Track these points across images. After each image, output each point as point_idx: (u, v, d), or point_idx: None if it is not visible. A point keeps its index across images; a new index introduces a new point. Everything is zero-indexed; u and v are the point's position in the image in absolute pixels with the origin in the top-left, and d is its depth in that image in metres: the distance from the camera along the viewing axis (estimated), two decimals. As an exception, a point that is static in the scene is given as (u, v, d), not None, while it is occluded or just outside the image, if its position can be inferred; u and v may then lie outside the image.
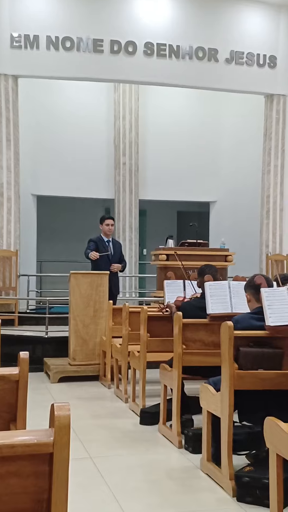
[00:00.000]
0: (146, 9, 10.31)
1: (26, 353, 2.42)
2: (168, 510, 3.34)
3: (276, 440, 2.99)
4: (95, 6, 10.11)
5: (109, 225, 7.97)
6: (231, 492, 3.48)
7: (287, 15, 10.86)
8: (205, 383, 3.98)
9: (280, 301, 3.78)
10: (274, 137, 10.96)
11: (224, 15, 10.58)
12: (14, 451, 1.36)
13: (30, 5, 9.97)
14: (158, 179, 12.00)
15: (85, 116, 11.67)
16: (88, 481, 3.75)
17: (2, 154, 10.00)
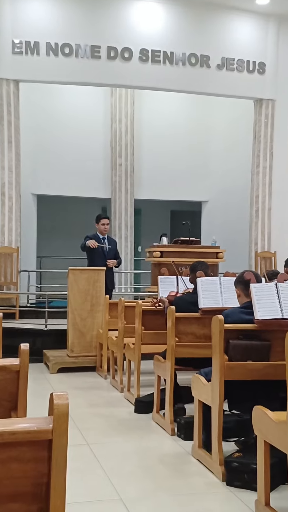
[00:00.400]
0: (142, 17, 10.30)
1: (27, 345, 2.42)
2: (161, 493, 3.35)
3: (264, 427, 3.01)
4: (92, 14, 10.08)
5: (104, 225, 7.98)
6: (221, 476, 3.49)
7: (275, 24, 10.87)
8: (197, 374, 3.99)
9: (268, 296, 3.79)
10: (263, 140, 10.97)
11: (216, 23, 10.57)
12: (15, 437, 1.37)
13: (31, 13, 9.94)
14: (153, 180, 12.01)
15: (83, 119, 11.66)
16: (85, 466, 3.76)
17: (3, 155, 9.99)
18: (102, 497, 3.27)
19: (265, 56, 10.87)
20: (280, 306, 3.75)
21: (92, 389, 6.30)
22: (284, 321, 3.71)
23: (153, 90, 11.01)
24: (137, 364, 5.57)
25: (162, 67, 10.36)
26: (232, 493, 3.33)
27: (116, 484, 3.44)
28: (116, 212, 11.63)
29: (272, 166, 11.00)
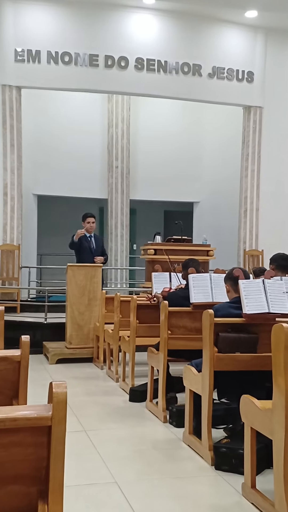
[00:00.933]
0: (137, 28, 10.28)
1: (27, 337, 2.42)
2: (153, 476, 3.36)
3: (251, 415, 3.03)
4: (91, 24, 10.07)
5: (90, 223, 7.90)
6: (210, 461, 3.51)
7: (263, 36, 10.88)
8: (188, 365, 4.00)
9: (256, 292, 3.80)
10: (251, 144, 10.98)
11: (207, 34, 10.57)
12: (16, 423, 1.37)
13: (32, 23, 9.92)
14: (147, 181, 12.00)
15: (82, 124, 11.64)
16: (83, 451, 3.77)
17: (6, 158, 9.96)
18: (98, 480, 3.28)
19: (254, 65, 10.88)
20: (266, 301, 3.76)
21: (89, 379, 6.30)
22: (271, 315, 3.72)
23: (148, 96, 11.00)
24: (132, 355, 5.58)
25: (157, 75, 10.35)
26: (221, 476, 3.35)
27: (112, 468, 3.46)
28: (113, 212, 11.63)
29: (260, 170, 11.01)
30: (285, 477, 2.68)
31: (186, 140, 12.23)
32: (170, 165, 12.09)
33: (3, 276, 9.94)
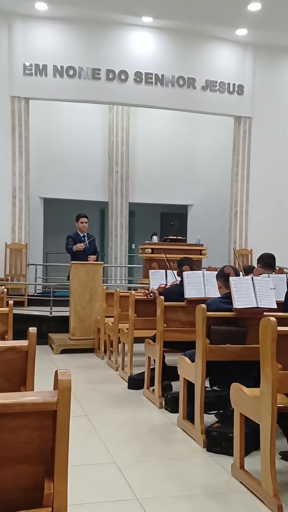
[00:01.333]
0: (136, 44, 10.29)
1: (34, 329, 2.43)
2: (150, 458, 3.36)
3: (240, 401, 3.03)
4: (93, 41, 10.08)
5: (83, 223, 7.79)
6: (202, 444, 3.52)
7: (252, 52, 10.89)
8: (182, 355, 4.01)
9: (245, 288, 3.81)
10: (241, 152, 10.99)
11: (201, 50, 10.58)
12: (24, 408, 1.38)
13: (40, 39, 9.92)
14: (145, 185, 12.00)
15: (84, 132, 11.63)
16: (85, 434, 3.77)
17: (15, 163, 9.96)
18: (99, 461, 3.28)
19: (244, 79, 10.88)
20: (255, 296, 3.77)
21: (91, 368, 6.30)
22: (259, 309, 3.73)
23: (146, 107, 11.00)
24: (130, 346, 5.58)
25: (154, 87, 10.36)
26: (212, 458, 3.35)
27: (111, 449, 3.46)
28: (113, 214, 11.63)
29: (249, 175, 11.02)
30: (271, 459, 2.69)
31: (181, 147, 12.22)
32: (166, 171, 12.08)
33: (12, 273, 9.94)
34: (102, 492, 2.83)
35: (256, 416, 2.83)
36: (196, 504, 2.71)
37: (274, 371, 2.70)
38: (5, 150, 9.90)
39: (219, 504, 2.72)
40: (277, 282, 4.44)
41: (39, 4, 9.42)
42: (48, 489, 1.39)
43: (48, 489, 1.39)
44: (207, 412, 3.83)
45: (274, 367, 2.70)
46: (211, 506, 2.69)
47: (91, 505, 2.66)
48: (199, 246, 8.38)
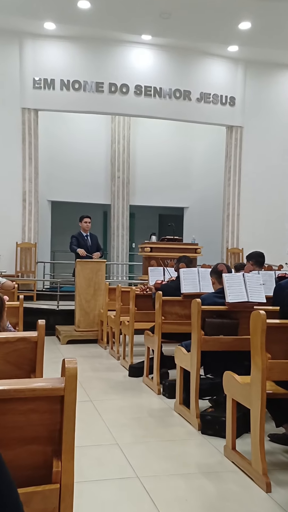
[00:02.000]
0: (137, 59, 10.29)
1: (43, 321, 2.42)
2: (149, 439, 3.37)
3: (232, 388, 3.04)
4: (97, 57, 10.09)
5: (86, 223, 7.71)
6: (197, 427, 3.52)
7: (243, 67, 10.90)
8: (179, 346, 4.01)
9: (237, 284, 3.81)
10: (233, 158, 10.99)
11: (196, 65, 10.58)
12: (34, 393, 1.38)
13: (48, 56, 9.95)
14: (144, 189, 12.00)
15: (89, 140, 11.63)
16: (89, 418, 3.78)
17: (25, 169, 9.97)
18: (102, 442, 3.29)
19: (235, 91, 10.88)
20: (246, 291, 3.77)
21: (95, 357, 6.31)
22: (249, 303, 3.73)
23: (145, 117, 11.00)
24: (131, 337, 5.59)
25: (153, 99, 10.36)
26: (206, 439, 3.36)
27: (113, 431, 3.47)
28: (115, 215, 11.62)
29: (241, 180, 11.03)
30: (260, 441, 2.69)
31: (177, 154, 12.23)
32: (164, 176, 12.09)
33: (22, 270, 9.94)
34: (105, 470, 2.84)
35: (247, 402, 2.83)
36: (192, 481, 2.72)
37: (264, 360, 2.70)
38: (16, 157, 9.91)
39: (212, 482, 2.72)
40: (266, 278, 4.45)
41: (48, 24, 9.45)
42: (56, 467, 1.39)
43: (56, 467, 1.39)
44: (202, 398, 3.83)
45: (264, 356, 2.71)
46: (205, 484, 2.69)
47: (95, 482, 2.67)
48: (194, 245, 8.38)
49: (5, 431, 1.35)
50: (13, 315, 4.13)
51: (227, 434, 3.07)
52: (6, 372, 2.22)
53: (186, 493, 2.57)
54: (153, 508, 2.39)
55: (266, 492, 2.57)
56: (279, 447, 3.20)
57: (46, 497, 1.36)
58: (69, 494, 1.39)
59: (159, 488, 2.60)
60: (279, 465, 2.94)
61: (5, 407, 1.35)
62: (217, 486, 2.67)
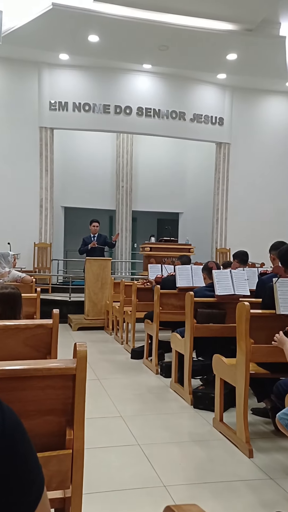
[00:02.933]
0: (139, 85, 10.27)
1: (57, 310, 2.44)
2: (148, 412, 3.38)
3: (220, 369, 3.05)
4: (104, 82, 10.08)
5: (95, 226, 7.73)
6: (190, 402, 3.54)
7: (230, 92, 10.88)
8: (174, 332, 4.02)
9: (225, 279, 3.82)
10: (222, 170, 10.98)
11: (189, 90, 10.56)
12: (50, 372, 1.38)
13: (62, 82, 9.95)
14: (145, 197, 11.98)
15: (97, 155, 11.62)
16: (97, 393, 3.79)
17: (42, 179, 9.98)
18: (108, 414, 3.30)
19: (223, 113, 10.87)
20: (232, 285, 3.78)
21: (101, 342, 6.33)
22: (236, 296, 3.74)
23: (146, 135, 10.98)
24: (133, 325, 5.60)
25: (152, 119, 10.35)
26: (197, 413, 3.37)
27: (118, 405, 3.48)
28: (119, 220, 11.62)
29: (228, 189, 11.02)
30: (244, 414, 2.71)
31: (173, 167, 12.22)
32: (162, 185, 12.08)
33: (39, 266, 9.95)
34: (111, 438, 2.85)
35: (232, 380, 2.85)
36: (185, 448, 2.73)
37: (248, 345, 2.71)
38: (34, 169, 9.92)
39: (202, 448, 2.74)
40: (250, 274, 4.46)
41: (62, 55, 9.48)
42: (69, 435, 1.40)
43: (69, 435, 1.40)
44: (194, 377, 3.85)
45: (248, 342, 2.72)
46: (196, 450, 2.70)
47: (102, 449, 2.68)
48: (188, 246, 8.40)
49: (25, 404, 1.36)
50: (31, 305, 4.13)
51: (216, 408, 3.08)
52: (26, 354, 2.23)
53: (179, 458, 2.58)
54: (152, 471, 2.40)
55: (249, 457, 2.58)
56: (260, 419, 3.21)
57: (61, 460, 1.37)
58: (80, 458, 1.40)
59: (156, 454, 2.62)
60: (260, 434, 2.95)
61: (25, 384, 1.36)
62: (206, 452, 2.68)
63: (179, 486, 2.24)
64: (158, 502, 2.07)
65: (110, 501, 2.09)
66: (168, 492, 2.17)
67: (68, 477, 1.39)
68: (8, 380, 1.34)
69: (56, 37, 8.68)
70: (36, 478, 0.56)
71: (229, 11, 7.79)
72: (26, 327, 2.24)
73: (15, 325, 2.24)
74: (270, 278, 3.39)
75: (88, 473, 1.46)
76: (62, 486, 1.40)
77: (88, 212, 12.49)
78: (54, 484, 1.37)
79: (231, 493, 2.18)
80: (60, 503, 1.44)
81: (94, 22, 8.03)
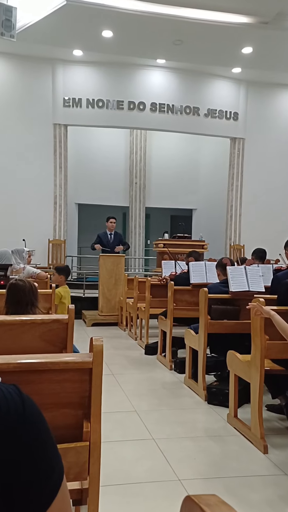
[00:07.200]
0: (152, 81, 10.25)
1: (73, 306, 2.46)
2: (162, 408, 3.40)
3: (234, 365, 3.05)
4: (118, 78, 10.07)
5: (112, 222, 7.63)
6: (204, 397, 3.55)
7: (245, 86, 10.78)
8: (188, 328, 4.03)
9: (239, 275, 3.81)
10: (236, 166, 10.91)
11: (204, 85, 10.49)
12: (67, 366, 1.40)
13: (76, 78, 9.99)
14: (158, 193, 11.98)
15: (110, 151, 11.64)
16: (112, 388, 3.82)
17: (56, 176, 10.04)
18: (123, 409, 3.33)
19: (238, 108, 10.78)
20: (247, 282, 3.77)
21: (115, 338, 6.36)
22: (250, 292, 3.73)
23: (159, 131, 10.96)
24: (147, 321, 5.62)
25: (166, 115, 10.32)
26: (211, 408, 3.38)
27: (132, 400, 3.51)
28: (132, 216, 11.63)
29: (242, 185, 10.94)
30: (259, 410, 2.71)
31: (187, 163, 12.18)
32: (175, 182, 12.05)
33: (53, 263, 10.02)
34: (126, 432, 2.88)
35: (247, 376, 2.85)
36: (199, 443, 2.74)
37: (263, 341, 2.71)
38: (48, 166, 9.99)
39: (217, 443, 2.75)
40: (265, 270, 4.43)
41: (76, 51, 9.50)
42: (86, 428, 1.41)
43: (86, 428, 1.41)
44: (208, 373, 3.85)
45: (263, 338, 2.72)
46: (211, 445, 2.72)
47: (118, 442, 2.71)
48: (201, 242, 8.37)
49: (43, 397, 1.38)
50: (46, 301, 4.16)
51: (230, 404, 3.09)
52: (43, 348, 2.26)
53: (194, 453, 2.60)
54: (166, 465, 2.43)
55: (263, 453, 2.59)
56: (274, 415, 3.21)
57: (78, 452, 1.39)
58: (97, 450, 1.42)
59: (171, 448, 2.64)
60: (275, 430, 2.95)
61: (43, 377, 1.38)
62: (221, 447, 2.69)
63: (193, 480, 2.26)
64: (172, 495, 2.09)
65: (126, 493, 2.12)
66: (183, 486, 2.19)
67: (85, 469, 1.41)
68: (26, 373, 1.36)
69: (70, 33, 8.71)
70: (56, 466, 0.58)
71: (244, 4, 7.72)
72: (42, 322, 2.27)
73: (31, 320, 2.28)
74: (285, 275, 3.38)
75: (103, 466, 1.48)
76: (80, 478, 1.43)
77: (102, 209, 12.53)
78: (71, 476, 1.40)
79: (246, 489, 2.19)
80: (77, 494, 1.47)
81: (107, 17, 8.04)
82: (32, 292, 2.55)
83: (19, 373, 1.35)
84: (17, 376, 1.34)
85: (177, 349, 4.89)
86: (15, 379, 1.32)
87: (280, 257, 4.97)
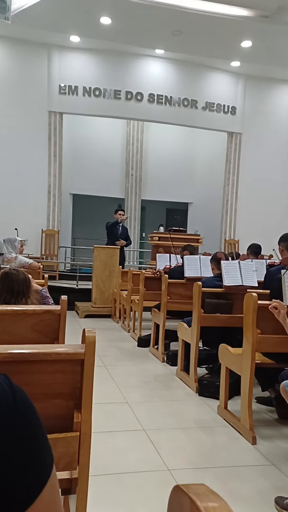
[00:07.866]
0: (150, 71, 10.17)
1: (65, 296, 2.46)
2: (154, 399, 3.42)
3: (226, 358, 3.08)
4: (116, 67, 9.98)
5: (121, 214, 7.86)
6: (195, 389, 3.57)
7: (243, 80, 10.73)
8: (181, 322, 4.05)
9: (233, 270, 3.83)
10: (233, 161, 10.90)
11: (202, 77, 10.43)
12: (59, 356, 1.40)
13: (72, 65, 9.85)
14: (154, 186, 11.95)
15: (107, 142, 11.58)
16: (104, 380, 3.84)
17: (50, 165, 9.96)
18: (115, 400, 3.35)
19: (236, 102, 10.75)
20: (241, 276, 3.79)
21: (108, 330, 6.37)
22: (243, 287, 3.75)
23: (157, 123, 10.90)
24: (140, 313, 5.64)
25: (164, 107, 10.26)
26: (202, 400, 3.41)
27: (124, 392, 3.53)
28: (128, 208, 11.61)
29: (238, 180, 10.95)
30: (248, 402, 2.74)
31: (184, 156, 12.15)
32: (172, 174, 12.03)
33: (46, 253, 10.00)
34: (117, 423, 2.90)
35: (238, 369, 2.87)
36: (190, 434, 2.77)
37: (254, 335, 2.73)
38: (43, 155, 9.90)
39: (207, 434, 2.78)
40: (258, 265, 4.46)
41: (73, 37, 9.37)
42: (77, 418, 1.42)
43: (77, 418, 1.42)
44: (200, 365, 3.88)
45: (254, 332, 2.74)
46: (201, 436, 2.75)
47: (109, 433, 2.73)
48: (196, 236, 8.37)
49: (35, 387, 1.39)
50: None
51: (221, 396, 3.12)
52: (34, 339, 2.26)
53: (184, 444, 2.63)
54: (157, 455, 2.45)
55: (252, 444, 2.62)
56: (263, 407, 3.25)
57: (68, 442, 1.39)
58: (87, 440, 1.43)
59: (162, 439, 2.66)
60: (264, 422, 2.99)
61: (35, 368, 1.38)
62: (211, 438, 2.72)
63: (183, 470, 2.28)
64: (162, 484, 2.12)
65: (116, 483, 2.14)
66: (173, 476, 2.22)
67: (75, 459, 1.42)
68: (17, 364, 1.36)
69: (67, 17, 8.57)
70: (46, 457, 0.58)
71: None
72: (33, 313, 2.27)
73: (23, 310, 2.27)
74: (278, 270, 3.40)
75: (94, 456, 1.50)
76: (69, 467, 1.44)
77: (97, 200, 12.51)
78: (61, 465, 1.41)
79: (235, 478, 2.22)
80: (67, 484, 1.48)
81: (106, 4, 7.94)
82: (25, 282, 2.55)
83: (10, 363, 1.35)
84: (8, 366, 1.34)
85: (170, 342, 4.92)
86: (6, 369, 1.32)
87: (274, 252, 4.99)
